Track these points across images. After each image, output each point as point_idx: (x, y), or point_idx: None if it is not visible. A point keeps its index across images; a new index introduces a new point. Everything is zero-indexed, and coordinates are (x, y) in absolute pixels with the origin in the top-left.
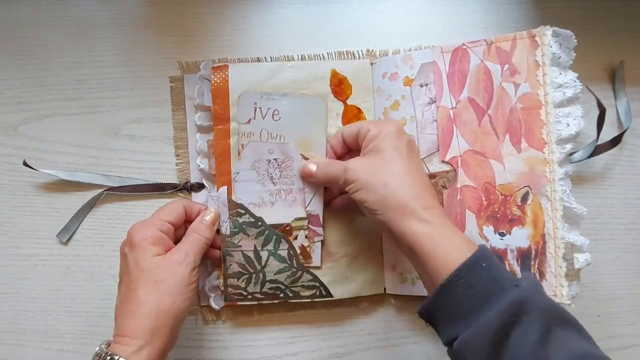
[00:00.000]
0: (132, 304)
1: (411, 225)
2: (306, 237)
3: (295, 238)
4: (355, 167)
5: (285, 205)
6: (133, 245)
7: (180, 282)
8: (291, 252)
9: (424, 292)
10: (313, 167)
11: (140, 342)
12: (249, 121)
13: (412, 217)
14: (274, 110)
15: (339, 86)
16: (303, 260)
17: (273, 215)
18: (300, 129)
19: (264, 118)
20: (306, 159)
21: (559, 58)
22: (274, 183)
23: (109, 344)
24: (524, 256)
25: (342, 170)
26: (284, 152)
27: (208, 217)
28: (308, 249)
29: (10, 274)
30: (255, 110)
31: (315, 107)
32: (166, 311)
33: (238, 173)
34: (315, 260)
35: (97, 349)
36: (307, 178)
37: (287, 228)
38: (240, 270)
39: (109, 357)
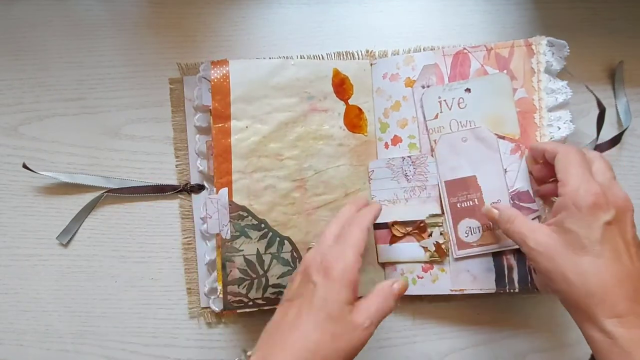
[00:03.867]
0: (298, 338)
1: (590, 331)
2: (441, 233)
3: (430, 235)
4: (537, 246)
5: (419, 202)
6: (331, 278)
7: (354, 348)
8: (294, 254)
9: (424, 292)
10: (495, 213)
11: None
12: (436, 116)
13: (592, 324)
14: (459, 99)
15: (341, 86)
16: (437, 258)
17: (407, 212)
18: (489, 109)
19: (450, 109)
20: (501, 137)
21: (551, 66)
22: (408, 180)
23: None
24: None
25: (521, 241)
26: (478, 136)
27: (397, 286)
28: (443, 246)
29: (10, 274)
30: (440, 103)
31: (499, 84)
32: None
33: (373, 171)
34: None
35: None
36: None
37: (422, 225)
38: (242, 276)
39: None
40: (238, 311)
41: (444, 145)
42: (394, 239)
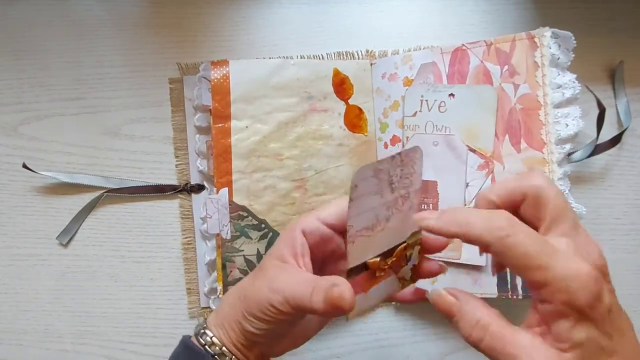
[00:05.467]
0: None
1: None
2: (419, 252)
3: (409, 259)
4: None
5: (400, 219)
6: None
7: (256, 303)
8: None
9: None
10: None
11: None
12: (414, 114)
13: None
14: (441, 102)
15: (341, 86)
16: (411, 283)
17: (386, 238)
18: (467, 119)
19: (430, 110)
20: (472, 150)
21: (558, 59)
22: (392, 189)
23: None
24: None
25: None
26: (449, 143)
27: (336, 292)
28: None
29: (10, 274)
30: (422, 102)
31: (485, 96)
32: None
33: (356, 186)
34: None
35: None
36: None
37: (405, 248)
38: (242, 276)
39: None
40: None
41: (415, 144)
42: (372, 282)
